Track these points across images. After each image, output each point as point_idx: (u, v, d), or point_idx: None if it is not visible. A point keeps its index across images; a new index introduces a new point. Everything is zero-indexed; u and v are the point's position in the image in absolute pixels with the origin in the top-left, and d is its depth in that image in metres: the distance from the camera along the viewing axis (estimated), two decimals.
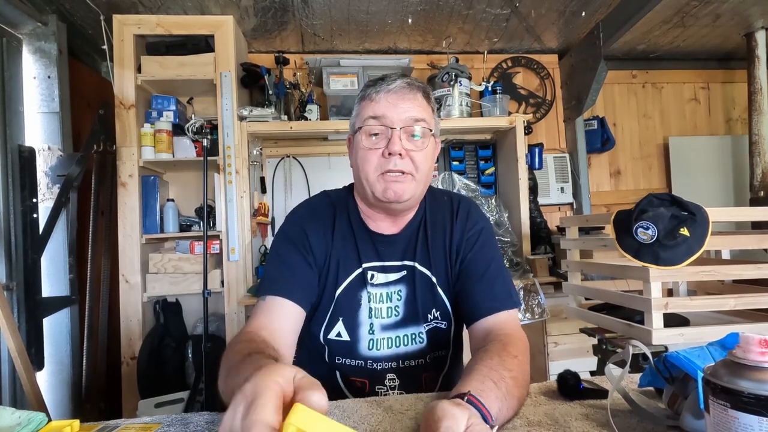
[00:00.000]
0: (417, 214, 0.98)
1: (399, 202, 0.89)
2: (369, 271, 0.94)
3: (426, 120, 0.89)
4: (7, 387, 1.78)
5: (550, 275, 2.39)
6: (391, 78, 0.89)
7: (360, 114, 0.90)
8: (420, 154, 0.88)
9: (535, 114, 2.99)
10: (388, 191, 0.86)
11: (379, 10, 2.34)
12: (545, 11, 2.43)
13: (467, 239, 0.96)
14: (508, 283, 0.94)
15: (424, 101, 0.90)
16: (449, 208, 1.00)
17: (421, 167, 0.88)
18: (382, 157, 0.87)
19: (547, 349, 2.21)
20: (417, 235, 0.97)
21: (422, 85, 0.91)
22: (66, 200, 2.01)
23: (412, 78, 0.92)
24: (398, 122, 0.86)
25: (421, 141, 0.89)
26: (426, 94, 0.91)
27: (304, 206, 1.00)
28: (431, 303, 0.95)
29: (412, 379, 0.95)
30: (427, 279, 0.95)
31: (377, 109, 0.87)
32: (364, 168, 0.88)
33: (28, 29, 1.95)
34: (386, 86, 0.88)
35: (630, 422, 0.65)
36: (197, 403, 2.07)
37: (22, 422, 0.62)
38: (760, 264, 1.20)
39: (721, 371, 0.48)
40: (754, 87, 2.57)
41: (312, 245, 0.92)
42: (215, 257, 2.29)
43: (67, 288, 2.01)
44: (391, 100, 0.87)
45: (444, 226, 0.98)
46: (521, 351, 0.78)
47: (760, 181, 2.53)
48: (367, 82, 0.92)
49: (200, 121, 2.13)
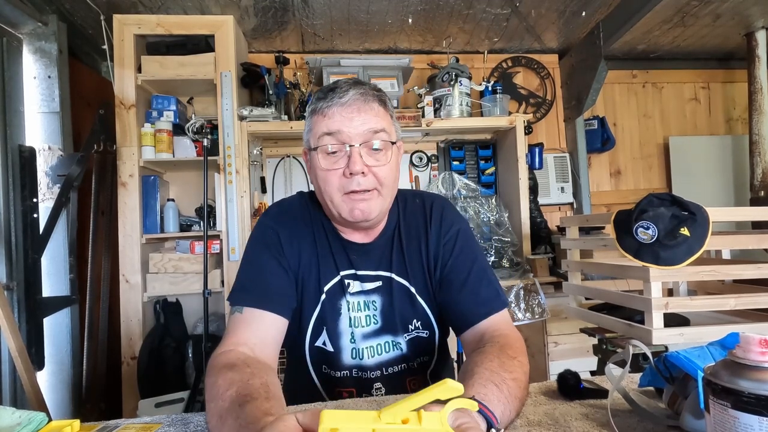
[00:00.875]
0: (390, 222, 0.94)
1: (367, 221, 0.85)
2: (345, 279, 0.91)
3: (386, 130, 0.83)
4: (8, 387, 1.78)
5: (550, 275, 2.39)
6: (342, 88, 0.82)
7: (313, 130, 0.84)
8: (383, 169, 0.83)
9: (535, 114, 2.99)
10: (355, 211, 0.82)
11: (380, 10, 2.34)
12: (545, 11, 2.43)
13: (444, 245, 0.92)
14: (493, 283, 0.90)
15: (381, 109, 0.84)
16: (422, 212, 0.95)
17: (386, 182, 0.84)
18: (343, 177, 0.81)
19: (547, 349, 2.21)
20: (392, 244, 0.93)
21: (377, 93, 0.85)
22: (66, 200, 2.01)
23: (364, 85, 0.84)
24: (356, 138, 0.80)
25: (383, 154, 0.83)
26: (382, 101, 0.85)
27: (277, 208, 0.96)
28: (411, 313, 0.92)
29: (398, 385, 0.93)
30: (405, 289, 0.92)
31: (331, 125, 0.81)
32: (327, 190, 0.83)
33: (28, 29, 1.95)
34: (338, 99, 0.81)
35: (630, 422, 0.65)
36: (197, 403, 2.07)
37: (22, 422, 0.62)
38: (760, 264, 1.20)
39: (722, 371, 0.48)
40: (754, 87, 2.57)
41: (286, 249, 0.88)
42: (215, 257, 2.29)
43: (68, 288, 2.01)
44: (345, 114, 0.80)
45: (419, 232, 0.93)
46: (520, 351, 0.76)
47: (760, 180, 2.53)
48: (317, 94, 0.85)
49: (200, 121, 2.13)
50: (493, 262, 2.43)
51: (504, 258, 2.44)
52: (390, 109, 0.88)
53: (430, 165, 2.85)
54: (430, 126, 2.41)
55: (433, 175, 2.84)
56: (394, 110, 0.91)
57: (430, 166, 2.85)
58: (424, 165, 2.84)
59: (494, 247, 2.46)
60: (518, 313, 2.26)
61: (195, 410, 1.97)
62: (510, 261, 2.43)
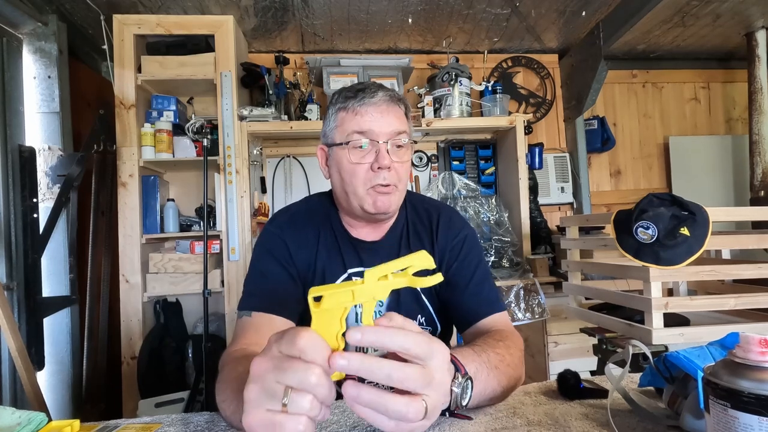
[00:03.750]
0: (398, 221, 0.99)
1: (386, 213, 0.90)
2: (353, 276, 0.94)
3: (406, 131, 0.90)
4: (8, 387, 1.78)
5: (550, 275, 2.39)
6: (371, 89, 0.88)
7: (341, 127, 0.88)
8: (404, 166, 0.90)
9: (535, 114, 2.99)
10: (378, 203, 0.87)
11: (380, 10, 2.34)
12: (545, 11, 2.43)
13: (451, 249, 0.97)
14: (494, 287, 0.96)
15: (402, 113, 0.91)
16: (431, 216, 1.00)
17: (403, 178, 0.91)
18: (370, 171, 0.86)
19: (547, 349, 2.21)
20: (399, 242, 0.97)
21: (401, 97, 0.93)
22: (66, 200, 2.01)
23: (390, 89, 0.91)
24: (384, 135, 0.86)
25: (404, 152, 0.90)
26: (405, 105, 0.93)
27: (284, 215, 0.99)
28: (416, 310, 0.96)
29: None
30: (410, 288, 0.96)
31: (363, 124, 0.86)
32: (352, 182, 0.88)
33: (28, 29, 1.95)
34: (369, 99, 0.87)
35: (630, 422, 0.65)
36: (197, 402, 2.08)
37: (22, 422, 0.62)
38: (760, 264, 1.20)
39: (721, 371, 0.48)
40: (754, 87, 2.57)
41: (293, 256, 0.92)
42: (215, 257, 2.29)
43: (68, 288, 2.01)
44: (375, 113, 0.86)
45: (427, 233, 0.98)
46: (514, 343, 0.79)
47: (760, 180, 2.53)
48: (344, 92, 0.90)
49: (200, 121, 2.13)
50: (493, 262, 2.43)
51: (504, 258, 2.44)
52: (409, 113, 0.95)
53: (430, 165, 2.85)
54: (430, 126, 2.41)
55: (433, 175, 2.84)
56: (411, 114, 0.97)
57: (430, 166, 2.85)
58: (424, 165, 2.84)
59: (494, 247, 2.47)
60: (518, 313, 2.26)
61: (195, 410, 1.97)
62: (510, 261, 2.43)
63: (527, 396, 0.75)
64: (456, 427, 0.65)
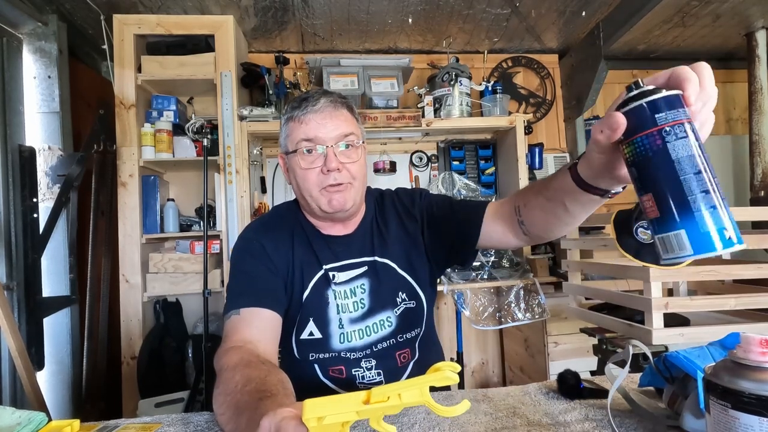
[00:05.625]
0: (367, 214, 1.04)
1: (344, 211, 0.94)
2: (330, 272, 0.98)
3: (354, 132, 0.94)
4: (8, 387, 1.78)
5: (550, 275, 2.39)
6: (313, 98, 0.93)
7: (290, 136, 0.93)
8: (355, 165, 0.94)
9: (535, 114, 2.99)
10: (333, 202, 0.92)
11: (380, 10, 2.34)
12: (545, 11, 2.43)
13: (420, 206, 1.03)
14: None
15: (349, 115, 0.95)
16: (395, 198, 1.07)
17: (357, 175, 0.95)
18: (321, 174, 0.91)
19: (547, 349, 2.21)
20: (371, 231, 1.02)
21: (344, 101, 0.97)
22: (66, 200, 2.01)
23: (333, 94, 0.96)
24: (329, 140, 0.91)
25: (353, 152, 0.94)
26: (349, 107, 0.97)
27: (256, 223, 1.04)
28: (397, 287, 1.00)
29: (387, 358, 0.99)
30: (388, 267, 1.01)
31: (308, 131, 0.91)
32: (306, 186, 0.93)
33: (28, 29, 1.95)
34: (312, 107, 0.91)
35: (630, 422, 0.65)
36: (197, 402, 2.07)
37: (22, 422, 0.62)
38: (760, 264, 1.20)
39: (722, 371, 0.48)
40: (754, 87, 2.57)
41: (271, 255, 0.95)
42: (215, 257, 2.29)
43: (68, 288, 2.02)
44: (319, 120, 0.91)
45: (395, 214, 1.05)
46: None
47: (760, 180, 2.53)
48: (292, 104, 0.95)
49: (200, 121, 2.13)
50: (493, 262, 2.43)
51: (504, 258, 2.44)
52: (356, 114, 1.00)
53: (430, 165, 2.85)
54: (430, 126, 2.41)
55: (433, 175, 2.84)
56: (359, 115, 1.02)
57: (430, 166, 2.85)
58: (424, 165, 2.84)
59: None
60: (518, 313, 2.26)
61: (195, 410, 1.97)
62: (510, 261, 2.43)
63: (527, 396, 0.75)
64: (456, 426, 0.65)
